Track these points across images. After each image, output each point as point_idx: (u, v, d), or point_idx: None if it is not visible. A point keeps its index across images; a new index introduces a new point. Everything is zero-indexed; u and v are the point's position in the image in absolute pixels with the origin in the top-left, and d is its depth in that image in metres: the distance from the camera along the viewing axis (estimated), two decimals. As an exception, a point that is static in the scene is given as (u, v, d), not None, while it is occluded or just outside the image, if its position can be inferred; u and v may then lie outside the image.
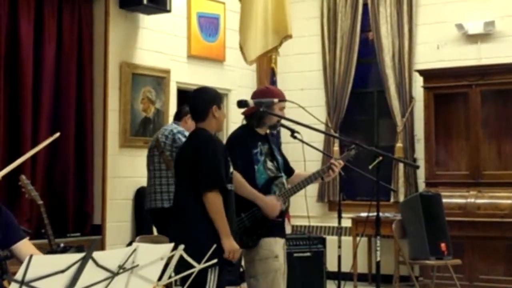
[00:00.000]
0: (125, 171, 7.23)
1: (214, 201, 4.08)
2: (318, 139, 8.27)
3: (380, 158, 4.57)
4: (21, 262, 3.16)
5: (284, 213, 4.69)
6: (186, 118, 6.22)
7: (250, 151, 4.54)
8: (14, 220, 3.38)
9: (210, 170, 4.12)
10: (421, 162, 8.07)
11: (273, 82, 8.60)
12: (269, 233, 4.51)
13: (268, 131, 4.79)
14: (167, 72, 7.72)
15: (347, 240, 7.86)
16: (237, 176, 4.39)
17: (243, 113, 4.71)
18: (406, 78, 8.44)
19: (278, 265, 4.48)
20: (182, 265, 2.57)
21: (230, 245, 4.10)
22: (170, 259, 2.41)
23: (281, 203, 4.54)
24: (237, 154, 4.44)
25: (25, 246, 3.30)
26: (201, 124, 4.31)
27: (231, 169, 4.31)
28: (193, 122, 6.19)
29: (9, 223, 3.31)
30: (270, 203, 4.48)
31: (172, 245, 2.39)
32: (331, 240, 7.33)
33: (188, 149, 4.33)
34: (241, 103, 4.53)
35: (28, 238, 3.42)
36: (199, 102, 4.34)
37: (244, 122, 4.76)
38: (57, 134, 4.34)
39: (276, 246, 4.51)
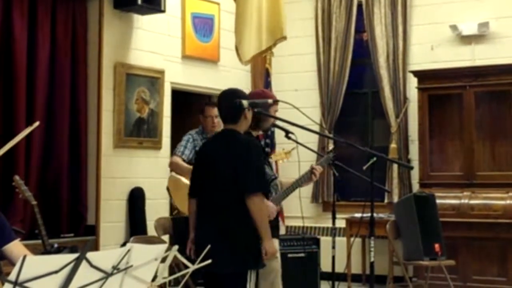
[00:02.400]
0: (119, 171, 7.22)
1: (260, 204, 4.12)
2: (312, 140, 8.27)
3: (374, 158, 4.57)
4: (12, 263, 3.16)
5: (277, 215, 4.73)
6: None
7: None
8: (6, 221, 3.36)
9: (258, 174, 4.17)
10: (415, 163, 8.08)
11: (268, 82, 8.61)
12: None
13: (260, 133, 4.80)
14: (162, 72, 7.72)
15: (341, 240, 7.85)
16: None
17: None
18: (400, 79, 8.45)
19: (278, 265, 4.51)
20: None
21: (272, 247, 4.17)
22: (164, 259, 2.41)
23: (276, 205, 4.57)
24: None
25: (16, 247, 3.29)
26: (232, 125, 4.31)
27: None
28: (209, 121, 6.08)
29: (0, 224, 3.30)
30: (269, 205, 4.49)
31: (166, 245, 2.39)
32: (325, 241, 7.33)
33: (228, 151, 4.26)
34: (236, 104, 4.53)
35: (19, 239, 3.41)
36: (233, 104, 4.31)
37: None
38: (37, 123, 4.32)
39: (276, 247, 4.53)
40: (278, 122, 4.80)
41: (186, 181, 5.42)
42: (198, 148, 5.84)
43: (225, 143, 4.31)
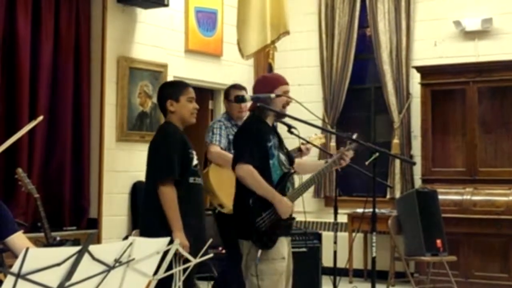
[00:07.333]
0: (122, 165, 7.23)
1: (166, 194, 4.15)
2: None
3: (377, 154, 4.55)
4: (14, 256, 3.17)
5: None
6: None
7: (265, 144, 4.33)
8: (9, 213, 3.37)
9: (162, 163, 4.22)
10: (417, 159, 8.08)
11: (271, 77, 8.58)
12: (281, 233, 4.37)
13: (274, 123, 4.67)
14: (165, 66, 7.72)
15: (343, 235, 7.86)
16: (254, 173, 4.20)
17: (250, 109, 4.54)
18: (403, 75, 8.44)
19: (283, 267, 4.35)
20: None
21: (180, 239, 4.00)
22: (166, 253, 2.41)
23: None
24: (252, 148, 4.27)
25: (19, 239, 3.29)
26: (166, 118, 4.46)
27: (195, 162, 4.34)
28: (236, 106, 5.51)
29: (3, 216, 3.31)
30: (285, 203, 4.28)
31: (168, 239, 2.39)
32: (327, 236, 7.33)
33: (151, 142, 4.47)
34: (238, 98, 4.52)
35: (22, 231, 3.41)
36: (158, 99, 4.53)
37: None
38: (40, 118, 4.33)
39: (284, 247, 4.35)
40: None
41: (230, 172, 4.55)
42: (231, 137, 5.37)
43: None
